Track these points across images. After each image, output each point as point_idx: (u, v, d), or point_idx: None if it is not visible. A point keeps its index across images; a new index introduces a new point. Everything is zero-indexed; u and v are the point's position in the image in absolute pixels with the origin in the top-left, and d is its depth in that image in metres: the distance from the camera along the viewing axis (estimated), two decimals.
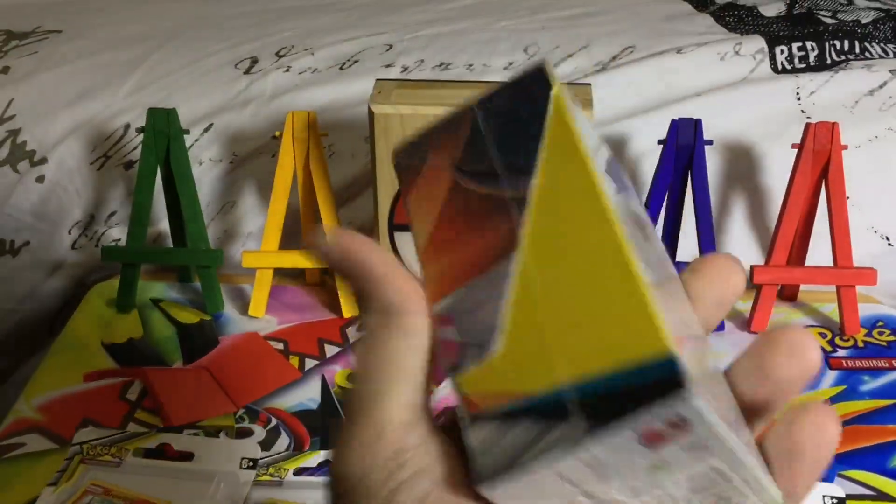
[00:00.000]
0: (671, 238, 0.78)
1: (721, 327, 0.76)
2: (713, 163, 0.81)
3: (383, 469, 0.27)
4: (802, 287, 0.80)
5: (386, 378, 0.28)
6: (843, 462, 0.62)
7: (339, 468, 0.28)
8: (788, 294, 0.79)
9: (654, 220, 0.76)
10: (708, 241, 0.75)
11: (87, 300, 0.80)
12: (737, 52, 0.89)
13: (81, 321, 0.77)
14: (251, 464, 0.63)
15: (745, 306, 0.78)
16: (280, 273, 0.80)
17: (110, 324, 0.76)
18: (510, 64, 0.91)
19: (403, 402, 0.27)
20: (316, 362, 0.73)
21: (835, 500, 0.59)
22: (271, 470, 0.63)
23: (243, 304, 0.78)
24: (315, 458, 0.64)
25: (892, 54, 0.92)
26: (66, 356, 0.73)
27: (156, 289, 0.81)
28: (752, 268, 0.74)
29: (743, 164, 0.83)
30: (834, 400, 0.68)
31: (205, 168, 0.85)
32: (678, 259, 0.79)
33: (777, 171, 0.81)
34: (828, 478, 0.61)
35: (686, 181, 0.76)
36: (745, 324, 0.76)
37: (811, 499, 0.57)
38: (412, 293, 0.28)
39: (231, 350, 0.74)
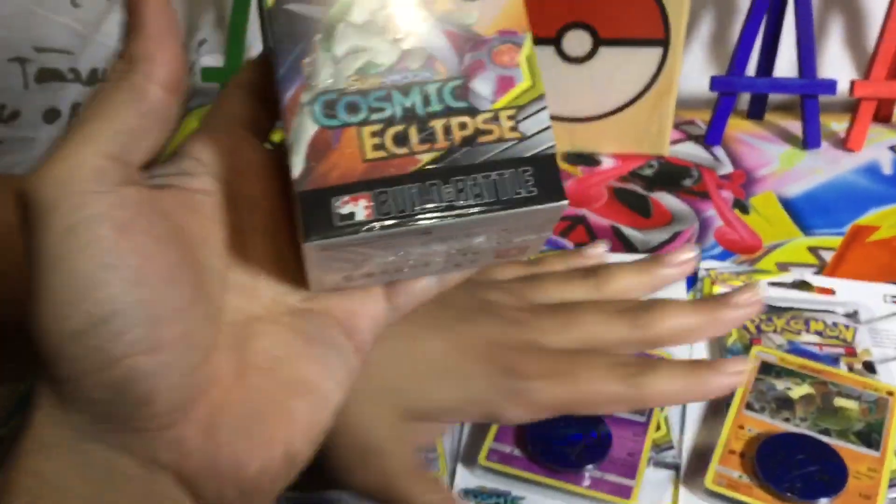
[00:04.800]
0: (769, 53, 0.77)
1: (817, 144, 0.76)
2: None
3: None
4: None
5: (91, 118, 0.29)
6: None
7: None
8: (884, 114, 0.79)
9: (753, 36, 0.75)
10: (808, 57, 0.74)
11: (184, 124, 0.80)
12: None
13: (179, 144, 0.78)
14: None
15: (840, 127, 0.77)
16: None
17: None
18: None
19: (100, 149, 0.28)
20: None
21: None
22: None
23: None
24: None
25: None
26: None
27: None
28: (853, 82, 0.74)
29: None
30: None
31: None
32: (776, 75, 0.78)
33: None
34: None
35: None
36: (842, 142, 0.76)
37: None
38: (161, 59, 0.29)
39: None
